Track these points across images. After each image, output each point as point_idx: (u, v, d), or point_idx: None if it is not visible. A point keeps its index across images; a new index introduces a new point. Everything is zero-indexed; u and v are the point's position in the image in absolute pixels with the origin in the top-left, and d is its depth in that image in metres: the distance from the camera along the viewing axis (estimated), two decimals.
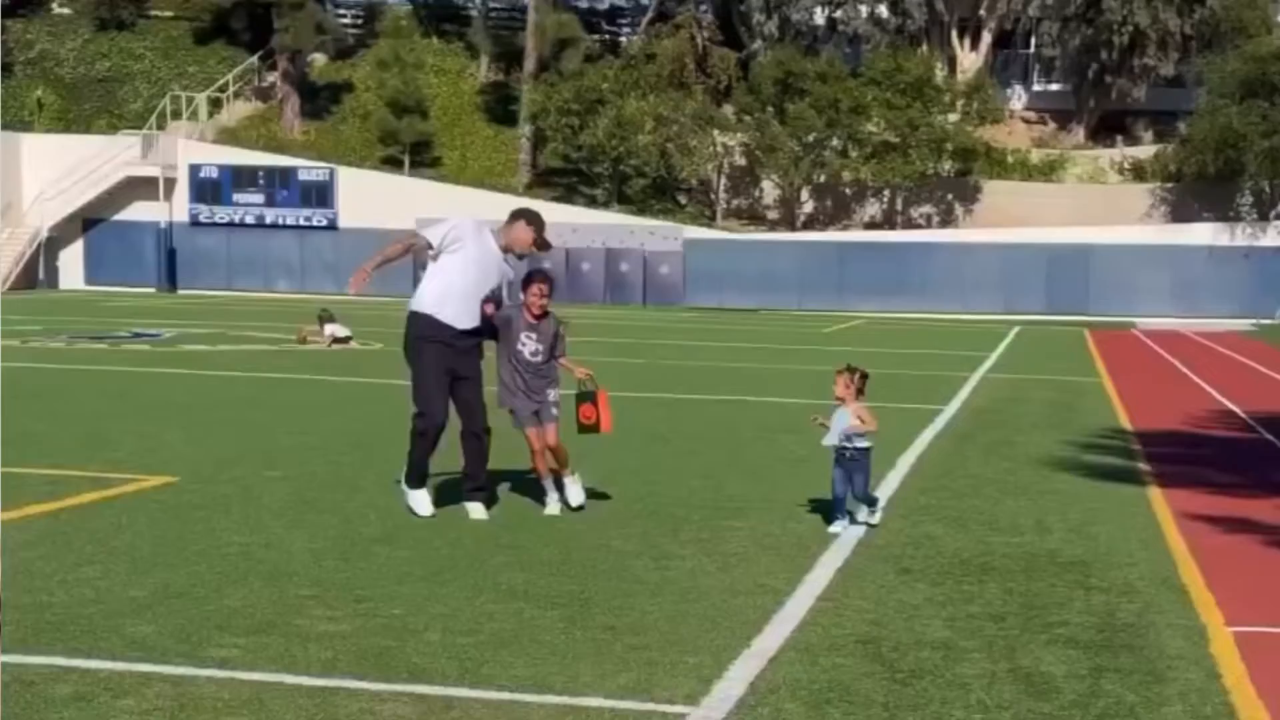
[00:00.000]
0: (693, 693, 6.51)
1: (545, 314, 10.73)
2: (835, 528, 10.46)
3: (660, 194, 62.50)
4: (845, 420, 10.49)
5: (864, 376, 10.79)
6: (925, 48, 64.52)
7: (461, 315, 10.65)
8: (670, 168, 61.50)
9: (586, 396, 11.16)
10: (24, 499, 10.87)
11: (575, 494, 11.03)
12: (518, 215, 11.11)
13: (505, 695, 6.37)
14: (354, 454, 14.08)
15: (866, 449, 10.63)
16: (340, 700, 6.22)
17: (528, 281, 10.73)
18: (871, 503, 10.83)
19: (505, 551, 9.38)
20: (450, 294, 10.65)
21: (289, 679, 6.49)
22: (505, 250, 10.94)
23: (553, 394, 10.82)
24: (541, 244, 11.02)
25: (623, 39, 72.49)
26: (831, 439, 10.56)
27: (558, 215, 59.34)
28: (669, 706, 6.33)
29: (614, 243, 58.52)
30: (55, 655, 6.72)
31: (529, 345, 10.65)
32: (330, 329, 29.63)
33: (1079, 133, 64.93)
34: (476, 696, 6.34)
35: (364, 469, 13.01)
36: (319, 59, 70.48)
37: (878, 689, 6.66)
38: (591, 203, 61.63)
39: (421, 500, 10.77)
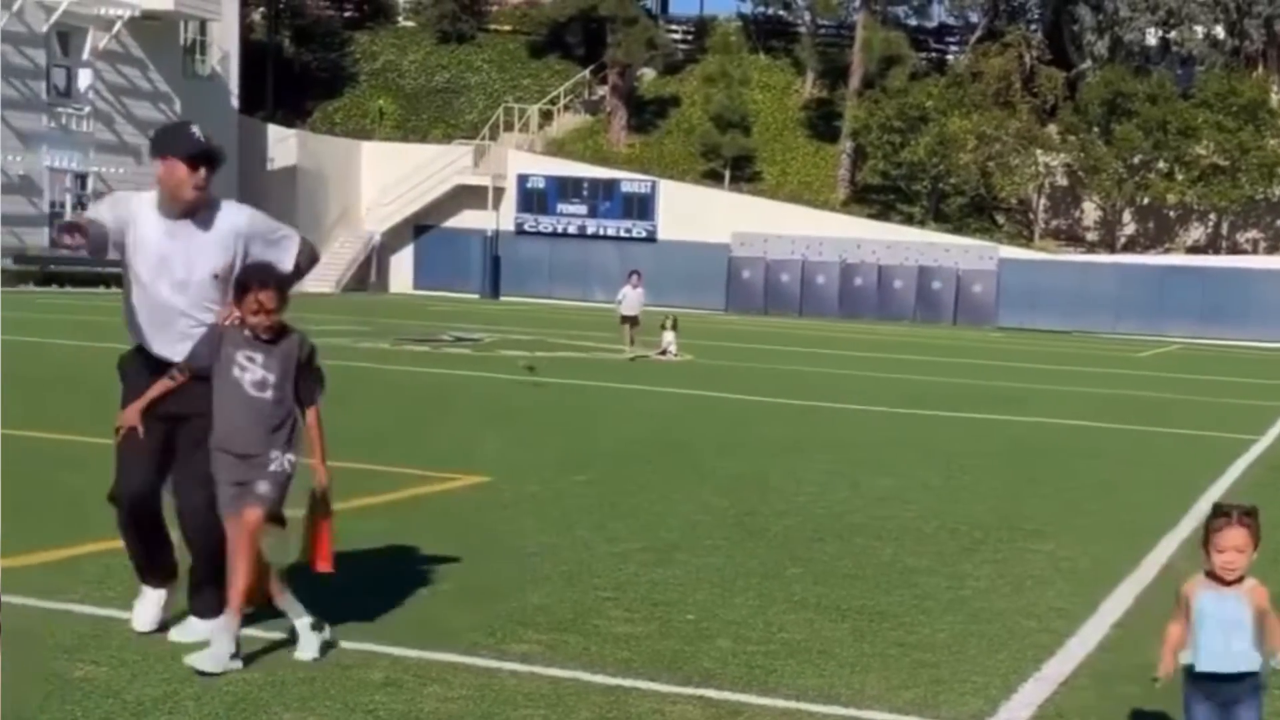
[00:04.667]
0: (979, 713, 6.50)
1: (282, 334, 6.75)
2: None
3: (978, 212, 61.89)
4: (1236, 615, 5.33)
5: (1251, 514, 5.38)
6: (1261, 70, 62.54)
7: (163, 336, 6.99)
8: (990, 186, 60.91)
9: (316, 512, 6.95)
10: (347, 493, 11.33)
11: (306, 645, 6.80)
12: (158, 141, 7.07)
13: (792, 704, 6.44)
14: (659, 460, 14.36)
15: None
16: (632, 700, 6.36)
17: (243, 288, 6.65)
18: None
19: (800, 563, 9.49)
20: (139, 308, 7.06)
21: (585, 676, 6.66)
22: (182, 213, 6.93)
23: (278, 461, 6.69)
24: (198, 168, 6.83)
25: (949, 57, 71.94)
26: (1212, 661, 5.33)
27: (873, 232, 59.41)
28: None
29: (927, 261, 58.16)
30: (368, 642, 7.02)
31: (251, 371, 6.67)
32: (668, 338, 30.10)
33: None
34: (764, 704, 6.43)
35: (668, 475, 13.27)
36: (648, 73, 71.54)
37: None
38: (908, 220, 61.32)
39: (141, 610, 7.17)
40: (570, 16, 69.89)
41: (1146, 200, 60.33)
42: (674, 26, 76.35)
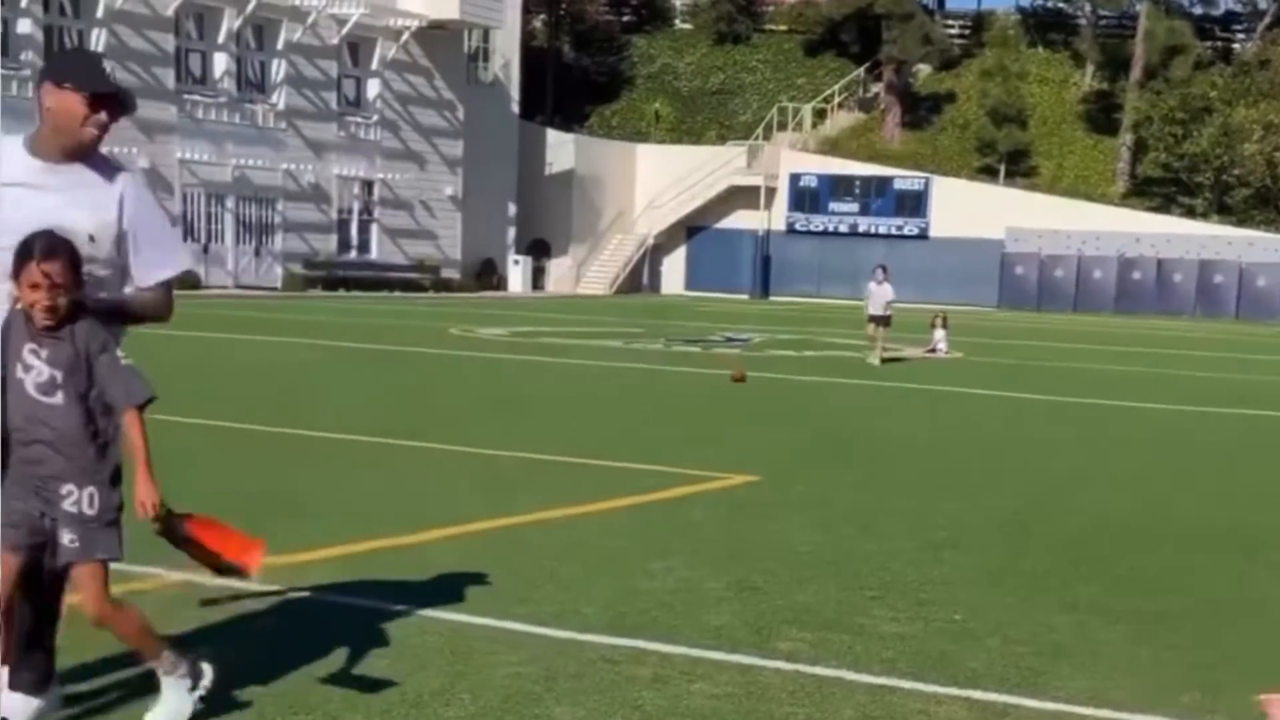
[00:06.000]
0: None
1: (68, 320, 5.07)
2: None
3: (1263, 204, 60.15)
4: None
5: None
6: None
7: None
8: (1276, 178, 59.11)
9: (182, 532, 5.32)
10: (618, 492, 11.53)
11: (172, 706, 5.38)
12: (57, 68, 5.34)
13: (1061, 706, 6.36)
14: (927, 459, 14.30)
15: None
16: (897, 700, 6.35)
17: (22, 256, 4.97)
18: None
19: (1074, 564, 9.34)
20: None
21: (849, 675, 6.66)
22: (65, 156, 5.22)
23: (74, 499, 5.07)
24: (101, 109, 5.14)
25: (1236, 45, 70.00)
26: None
27: (1153, 225, 58.05)
28: None
29: (1208, 254, 56.70)
30: (638, 639, 7.11)
31: (36, 370, 5.08)
32: (938, 335, 29.85)
33: None
34: (1032, 706, 6.35)
35: (937, 474, 13.18)
36: (923, 69, 71.10)
37: None
38: (1189, 213, 59.90)
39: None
40: (846, 14, 69.78)
41: None
42: (950, 21, 75.71)
